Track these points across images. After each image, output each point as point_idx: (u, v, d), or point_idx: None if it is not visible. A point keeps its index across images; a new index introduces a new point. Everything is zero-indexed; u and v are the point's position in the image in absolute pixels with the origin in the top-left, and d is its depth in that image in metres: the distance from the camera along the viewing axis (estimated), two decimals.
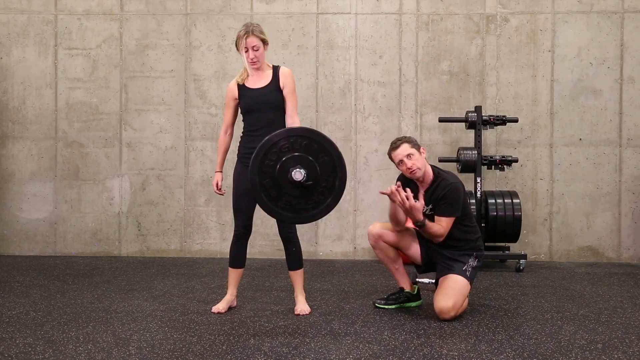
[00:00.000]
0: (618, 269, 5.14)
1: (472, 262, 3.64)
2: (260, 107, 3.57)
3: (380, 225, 3.86)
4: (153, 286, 4.40)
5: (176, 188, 5.69)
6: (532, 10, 5.55)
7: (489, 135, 5.52)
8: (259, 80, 3.61)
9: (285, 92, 3.58)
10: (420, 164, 3.61)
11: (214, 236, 5.66)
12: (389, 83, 5.61)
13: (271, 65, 3.66)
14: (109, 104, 5.70)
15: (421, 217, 3.50)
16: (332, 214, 5.55)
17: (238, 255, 3.68)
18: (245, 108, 3.61)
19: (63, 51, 5.70)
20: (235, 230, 3.66)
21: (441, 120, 5.31)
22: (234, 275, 3.70)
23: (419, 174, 3.62)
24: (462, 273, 3.58)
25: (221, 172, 3.76)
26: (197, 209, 5.68)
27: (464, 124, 5.31)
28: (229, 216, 5.45)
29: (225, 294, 3.75)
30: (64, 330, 3.27)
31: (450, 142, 5.56)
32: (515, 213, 4.98)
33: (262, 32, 3.54)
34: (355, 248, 5.62)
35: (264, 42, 3.55)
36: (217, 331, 3.28)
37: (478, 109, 5.13)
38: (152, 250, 5.70)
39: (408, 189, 3.51)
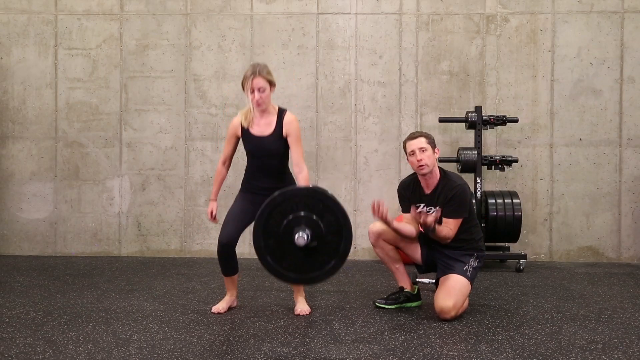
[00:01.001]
0: (618, 269, 5.14)
1: (473, 262, 3.64)
2: (264, 155, 3.57)
3: (380, 224, 3.85)
4: (153, 286, 4.40)
5: (176, 188, 5.69)
6: (532, 10, 5.55)
7: (489, 135, 5.52)
8: (263, 127, 3.56)
9: (289, 141, 3.54)
10: (430, 162, 3.60)
11: (214, 236, 5.65)
12: (389, 83, 5.61)
13: (277, 108, 3.60)
14: (109, 104, 5.70)
15: (432, 224, 3.49)
16: None
17: (228, 264, 3.62)
18: (248, 152, 3.63)
19: (63, 51, 5.70)
20: (219, 239, 3.56)
21: (441, 120, 5.31)
22: (229, 281, 3.70)
23: (426, 170, 3.61)
24: (463, 273, 3.58)
25: (215, 201, 3.74)
26: (197, 209, 5.68)
27: (464, 124, 5.31)
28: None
29: (225, 294, 3.76)
30: (64, 330, 3.27)
31: (450, 142, 5.56)
32: (515, 213, 4.98)
33: (269, 73, 3.50)
34: (355, 248, 5.62)
35: (271, 83, 3.50)
36: (217, 331, 3.28)
37: (478, 109, 5.13)
38: (152, 250, 5.70)
39: (418, 207, 3.51)
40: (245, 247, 5.35)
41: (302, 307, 3.64)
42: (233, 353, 2.91)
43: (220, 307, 3.67)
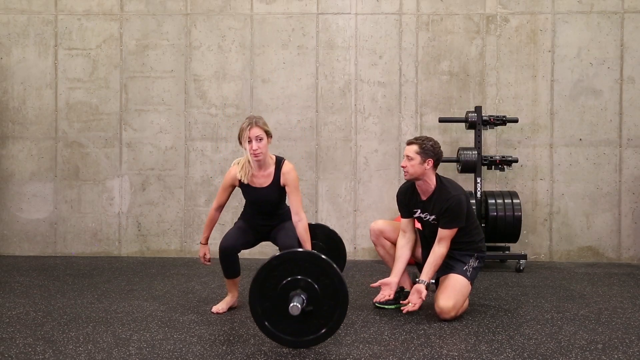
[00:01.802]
0: (618, 269, 5.14)
1: (473, 263, 3.64)
2: (262, 204, 3.67)
3: (382, 222, 3.86)
4: (153, 286, 4.40)
5: (176, 188, 5.69)
6: (532, 11, 5.55)
7: (489, 135, 5.52)
8: (262, 179, 3.61)
9: (288, 190, 3.61)
10: (412, 170, 3.61)
11: (214, 236, 5.63)
12: (389, 83, 5.61)
13: (274, 159, 3.64)
14: (109, 104, 5.70)
15: (424, 290, 3.53)
16: (332, 214, 5.58)
17: (229, 267, 3.64)
18: (247, 200, 3.73)
19: (63, 51, 5.70)
20: (221, 244, 3.59)
21: (441, 120, 5.31)
22: (230, 283, 3.71)
23: (407, 176, 3.65)
24: (463, 273, 3.58)
25: (207, 245, 3.79)
26: (197, 209, 5.68)
27: (464, 124, 5.31)
28: (229, 216, 5.45)
29: (226, 294, 3.76)
30: (64, 330, 3.27)
31: (450, 142, 5.56)
32: (515, 213, 4.98)
33: (265, 124, 3.55)
34: (355, 248, 5.62)
35: (268, 134, 3.55)
36: (217, 331, 3.29)
37: (478, 109, 5.13)
38: (152, 250, 5.70)
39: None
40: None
41: None
42: (233, 353, 2.91)
43: (220, 307, 3.67)
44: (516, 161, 5.13)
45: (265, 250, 5.59)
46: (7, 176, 5.72)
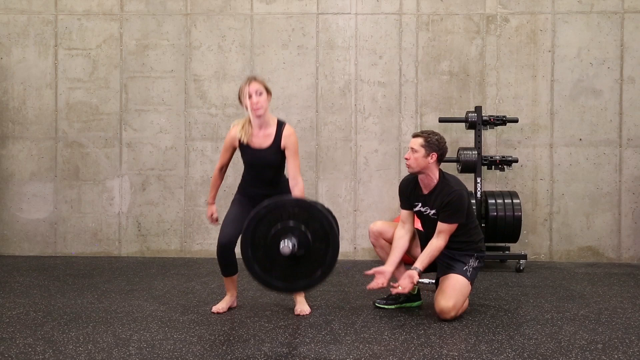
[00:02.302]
0: (618, 269, 5.14)
1: (473, 263, 3.64)
2: (261, 166, 3.61)
3: (381, 223, 3.86)
4: (153, 286, 4.40)
5: (176, 188, 5.69)
6: (532, 11, 5.55)
7: (489, 135, 5.52)
8: (262, 140, 3.57)
9: (287, 154, 3.57)
10: (415, 164, 3.62)
11: (214, 236, 5.63)
12: (389, 83, 5.61)
13: (275, 120, 3.62)
14: (109, 104, 5.70)
15: (416, 276, 3.53)
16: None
17: (227, 264, 3.63)
18: (246, 162, 3.67)
19: (63, 51, 5.70)
20: (219, 240, 3.58)
21: (441, 120, 5.31)
22: (229, 281, 3.70)
23: (409, 169, 3.67)
24: (463, 273, 3.58)
25: (214, 204, 3.79)
26: (197, 209, 5.68)
27: (464, 124, 5.31)
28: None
29: (225, 294, 3.76)
30: (64, 330, 3.27)
31: (450, 142, 5.52)
32: (516, 213, 4.98)
33: (264, 81, 3.57)
34: (355, 248, 5.62)
35: (267, 90, 3.54)
36: (217, 331, 3.29)
37: (478, 109, 5.13)
38: (152, 250, 5.70)
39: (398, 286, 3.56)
40: None
41: (302, 307, 3.65)
42: (233, 353, 2.91)
43: (220, 307, 3.67)
44: (516, 161, 5.13)
45: None
46: (7, 176, 5.73)
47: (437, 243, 3.57)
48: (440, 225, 3.57)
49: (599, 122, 5.51)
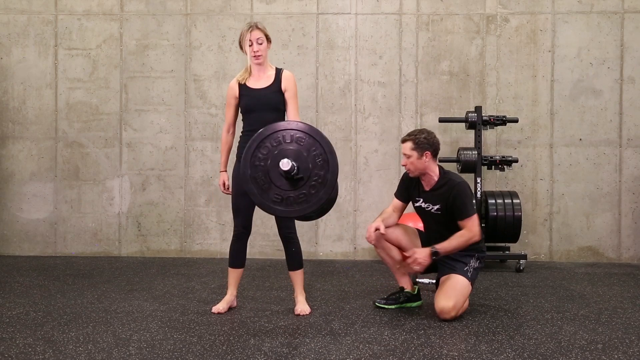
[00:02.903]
0: (618, 269, 5.14)
1: (474, 263, 3.64)
2: (261, 107, 3.57)
3: (381, 224, 3.85)
4: (153, 286, 4.40)
5: (176, 188, 5.69)
6: (532, 11, 5.55)
7: (489, 135, 5.52)
8: (261, 80, 3.61)
9: (287, 96, 3.59)
10: (414, 167, 3.64)
11: (214, 236, 5.66)
12: (389, 83, 5.61)
13: (274, 67, 3.67)
14: (109, 104, 5.70)
15: (428, 258, 3.51)
16: (332, 214, 5.57)
17: (238, 255, 3.68)
18: (245, 107, 3.61)
19: (63, 51, 5.70)
20: (234, 230, 3.65)
21: (441, 120, 5.31)
22: (234, 275, 3.70)
23: (412, 174, 3.70)
24: (464, 273, 3.58)
25: (226, 171, 3.76)
26: (197, 209, 5.68)
27: (464, 124, 5.31)
28: (229, 216, 5.44)
29: (225, 294, 3.75)
30: (64, 330, 3.27)
31: (450, 142, 5.56)
32: (516, 213, 4.98)
33: (265, 28, 3.61)
34: (355, 248, 5.62)
35: (267, 38, 3.60)
36: (217, 331, 3.29)
37: (478, 109, 5.13)
38: (152, 250, 5.70)
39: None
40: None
41: (302, 307, 3.64)
42: (233, 353, 2.91)
43: (220, 307, 3.67)
44: (516, 161, 5.13)
45: (265, 250, 5.61)
46: (7, 176, 5.73)
47: (463, 233, 3.54)
48: (461, 224, 3.57)
49: (599, 122, 5.51)
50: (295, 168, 2.99)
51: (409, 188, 3.78)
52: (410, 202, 3.83)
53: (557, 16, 5.54)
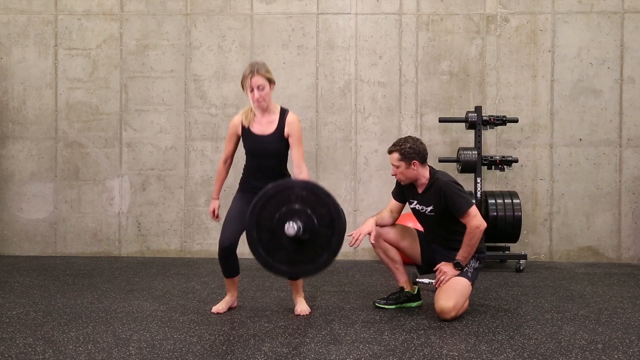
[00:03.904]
0: (618, 269, 5.14)
1: (474, 263, 3.64)
2: (263, 154, 3.54)
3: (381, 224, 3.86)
4: (153, 286, 4.40)
5: (176, 188, 5.69)
6: (532, 11, 5.55)
7: (489, 135, 5.52)
8: (265, 126, 3.53)
9: (290, 141, 3.51)
10: (405, 176, 3.66)
11: (214, 236, 5.66)
12: (389, 83, 5.61)
13: (279, 108, 3.57)
14: (109, 104, 5.70)
15: (454, 270, 3.56)
16: None
17: (227, 266, 3.62)
18: (247, 149, 3.60)
19: (63, 51, 5.70)
20: (220, 243, 3.55)
21: (441, 120, 5.31)
22: (230, 282, 3.70)
23: (402, 183, 3.71)
24: (464, 274, 3.58)
25: (218, 199, 3.76)
26: (197, 209, 5.68)
27: (464, 124, 5.31)
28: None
29: (225, 294, 3.76)
30: (64, 330, 3.27)
31: (450, 142, 5.56)
32: (516, 213, 4.98)
33: (268, 71, 3.47)
34: (355, 248, 5.61)
35: (270, 81, 3.47)
36: (217, 331, 3.29)
37: (478, 109, 5.13)
38: (152, 250, 5.70)
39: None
40: (245, 247, 5.33)
41: (302, 307, 3.64)
42: (233, 353, 2.91)
43: (220, 307, 3.67)
44: (516, 161, 5.13)
45: None
46: (7, 176, 5.73)
47: (468, 228, 3.54)
48: (462, 221, 3.57)
49: (599, 122, 5.51)
50: (301, 229, 2.90)
51: (404, 189, 3.79)
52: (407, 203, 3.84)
53: (557, 16, 5.54)
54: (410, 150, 3.60)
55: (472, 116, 5.12)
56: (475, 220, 3.53)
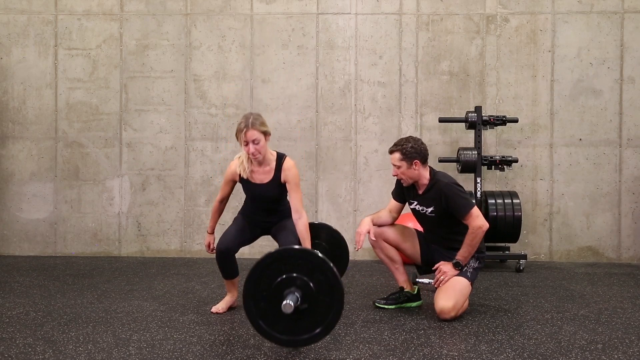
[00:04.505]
0: (618, 269, 5.14)
1: (474, 263, 3.64)
2: (263, 200, 3.64)
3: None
4: (153, 286, 4.40)
5: (176, 188, 5.69)
6: (532, 11, 5.55)
7: (489, 135, 5.52)
8: (262, 175, 3.58)
9: (288, 187, 3.58)
10: (406, 176, 3.65)
11: (215, 236, 5.65)
12: (389, 83, 5.61)
13: (275, 155, 3.60)
14: (109, 104, 5.70)
15: (454, 269, 3.56)
16: (332, 214, 5.58)
17: (228, 268, 3.64)
18: (247, 196, 3.70)
19: (63, 51, 5.70)
20: (217, 247, 3.59)
21: (441, 120, 5.31)
22: (229, 283, 3.71)
23: (405, 183, 3.70)
24: (464, 273, 3.58)
25: (213, 234, 3.82)
26: (197, 209, 5.68)
27: (464, 124, 5.31)
28: (229, 216, 5.44)
29: (225, 294, 3.76)
30: (64, 330, 3.27)
31: (450, 142, 5.56)
32: (515, 213, 4.98)
33: (263, 124, 3.46)
34: (355, 248, 5.61)
35: (265, 134, 3.47)
36: (217, 331, 3.29)
37: (478, 109, 5.13)
38: (152, 250, 5.70)
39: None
40: (245, 247, 5.34)
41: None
42: (233, 353, 2.91)
43: (220, 307, 3.67)
44: (516, 161, 5.13)
45: (265, 250, 5.59)
46: (7, 176, 5.73)
47: (469, 228, 3.53)
48: (464, 222, 3.57)
49: (599, 122, 5.51)
50: (299, 302, 2.85)
51: (404, 190, 3.78)
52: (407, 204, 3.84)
53: (557, 16, 5.54)
54: (412, 150, 3.60)
55: (472, 116, 5.12)
56: (478, 220, 3.53)
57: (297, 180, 3.56)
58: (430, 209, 3.65)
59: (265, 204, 3.67)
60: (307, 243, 3.55)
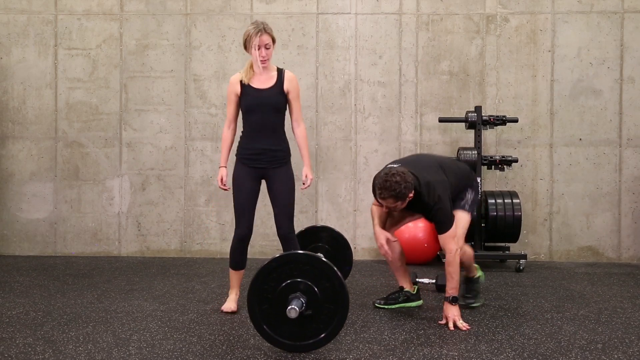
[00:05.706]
0: (618, 269, 5.14)
1: (470, 195, 3.69)
2: (263, 108, 3.56)
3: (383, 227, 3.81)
4: (153, 286, 4.40)
5: (176, 188, 5.69)
6: (532, 10, 5.55)
7: (489, 135, 5.52)
8: (264, 81, 3.59)
9: (290, 97, 3.61)
10: (404, 205, 3.47)
11: (214, 236, 5.66)
12: (389, 83, 5.61)
13: (276, 67, 3.65)
14: (109, 104, 5.70)
15: (455, 308, 3.43)
16: (332, 214, 5.58)
17: (241, 257, 3.66)
18: (246, 107, 3.59)
19: (63, 51, 5.70)
20: (238, 231, 3.60)
21: (441, 120, 5.31)
22: (236, 277, 3.70)
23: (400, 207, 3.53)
24: (462, 207, 3.63)
25: (225, 167, 3.71)
26: (197, 209, 5.68)
27: (464, 124, 5.31)
28: (229, 216, 5.45)
29: (225, 293, 3.76)
30: (64, 330, 3.27)
31: (450, 142, 5.56)
32: (515, 213, 4.98)
33: (272, 31, 3.56)
34: (355, 248, 5.62)
35: (274, 40, 3.56)
36: (217, 331, 3.29)
37: (478, 109, 5.13)
38: (152, 250, 5.70)
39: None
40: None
41: None
42: (233, 353, 2.91)
43: (232, 306, 3.65)
44: (516, 161, 5.13)
45: (266, 250, 5.60)
46: (7, 176, 5.72)
47: (446, 259, 3.46)
48: (440, 239, 3.48)
49: (599, 122, 5.51)
50: (304, 305, 2.85)
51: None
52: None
53: (557, 16, 5.54)
54: (403, 190, 3.37)
55: (472, 116, 5.12)
56: (452, 243, 3.42)
57: (298, 91, 3.65)
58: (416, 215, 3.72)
59: (266, 116, 3.55)
60: (304, 151, 3.68)
